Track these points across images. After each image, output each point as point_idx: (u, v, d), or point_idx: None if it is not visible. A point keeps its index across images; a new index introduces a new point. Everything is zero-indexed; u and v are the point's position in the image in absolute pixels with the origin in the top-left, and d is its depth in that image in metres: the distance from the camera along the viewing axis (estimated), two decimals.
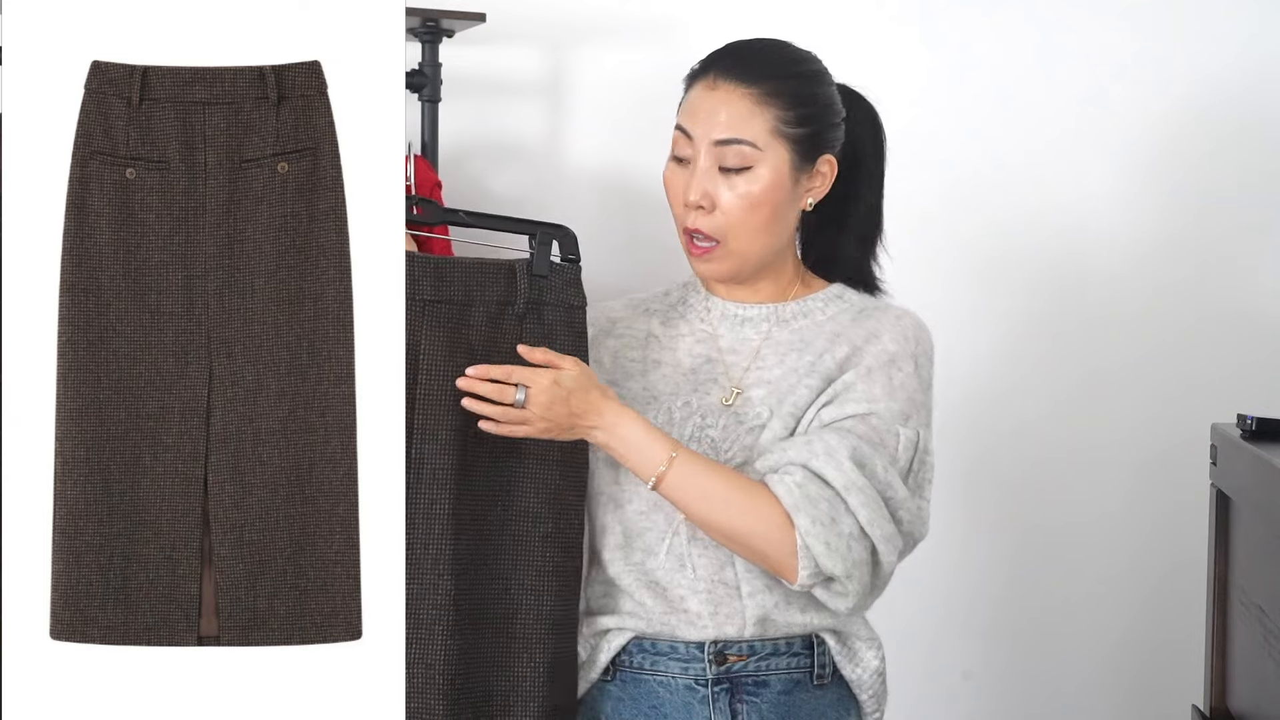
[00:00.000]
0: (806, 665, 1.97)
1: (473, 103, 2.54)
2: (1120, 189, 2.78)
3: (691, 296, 2.08)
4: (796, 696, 1.97)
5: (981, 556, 2.79)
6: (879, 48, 2.71)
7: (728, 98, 1.95)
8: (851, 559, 1.86)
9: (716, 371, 2.01)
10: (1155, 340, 2.80)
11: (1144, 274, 2.80)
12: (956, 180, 2.75)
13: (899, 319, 2.01)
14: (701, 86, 1.97)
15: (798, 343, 2.00)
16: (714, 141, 1.94)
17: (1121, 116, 2.78)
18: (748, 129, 1.95)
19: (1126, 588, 2.82)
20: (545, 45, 2.59)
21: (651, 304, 2.10)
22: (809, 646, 1.98)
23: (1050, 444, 2.80)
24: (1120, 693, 2.83)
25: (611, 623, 2.02)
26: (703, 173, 1.94)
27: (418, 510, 1.95)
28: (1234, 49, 2.77)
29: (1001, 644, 2.82)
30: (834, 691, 2.00)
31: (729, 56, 1.98)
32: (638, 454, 1.88)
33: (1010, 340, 2.79)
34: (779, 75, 1.98)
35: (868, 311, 2.02)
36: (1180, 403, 2.78)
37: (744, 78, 1.96)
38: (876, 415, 1.93)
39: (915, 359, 1.98)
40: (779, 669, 1.96)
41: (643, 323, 2.07)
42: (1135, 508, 2.82)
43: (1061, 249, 2.77)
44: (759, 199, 1.95)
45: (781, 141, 1.96)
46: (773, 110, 1.96)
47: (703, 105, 1.96)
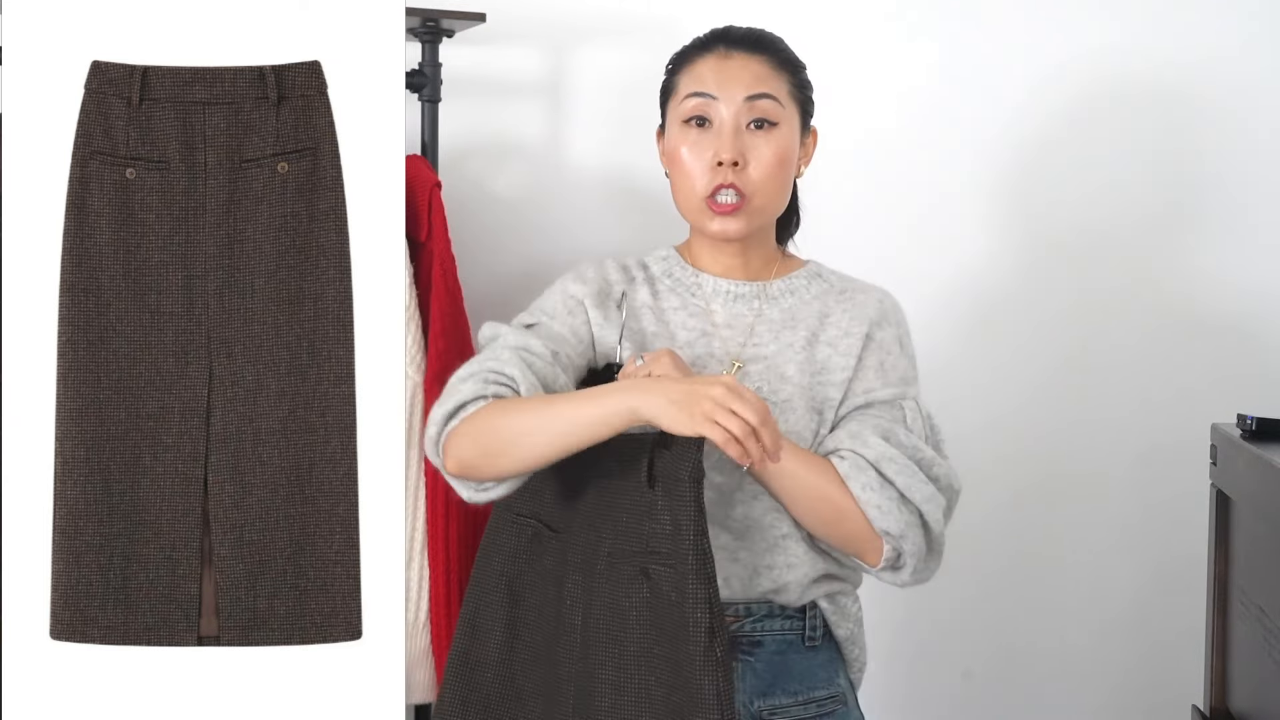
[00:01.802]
0: (799, 628, 2.02)
1: (473, 103, 2.54)
2: (1120, 187, 2.78)
3: (676, 270, 2.09)
4: (789, 657, 2.01)
5: (981, 556, 2.79)
6: (879, 46, 2.71)
7: (746, 62, 2.01)
8: (903, 520, 1.92)
9: (713, 346, 2.03)
10: (1155, 340, 2.80)
11: (1145, 273, 2.80)
12: (952, 176, 2.75)
13: (880, 300, 2.07)
14: (714, 57, 2.02)
15: (789, 320, 2.05)
16: (745, 98, 1.99)
17: (1120, 112, 2.78)
18: (772, 86, 2.01)
19: (1127, 588, 2.82)
20: (545, 45, 2.59)
21: (634, 271, 2.10)
22: (802, 611, 2.02)
23: (1050, 444, 2.80)
24: (1120, 693, 2.83)
25: None
26: (733, 131, 1.99)
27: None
28: (1234, 42, 2.78)
29: (1001, 644, 2.82)
30: (824, 653, 2.04)
31: (731, 35, 2.05)
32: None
33: (1010, 339, 2.79)
34: (781, 50, 2.05)
35: (849, 293, 2.08)
36: (1180, 403, 2.78)
37: (755, 50, 2.03)
38: (880, 395, 2.00)
39: (899, 338, 2.06)
40: (773, 630, 2.01)
41: (636, 292, 2.08)
42: (1135, 507, 2.82)
43: (1061, 247, 2.77)
44: (786, 156, 2.02)
45: (795, 104, 2.04)
46: (785, 75, 2.03)
47: (723, 69, 2.00)
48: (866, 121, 2.69)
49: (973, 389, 2.78)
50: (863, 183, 2.70)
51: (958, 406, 2.76)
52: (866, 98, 2.69)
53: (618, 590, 1.91)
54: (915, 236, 2.72)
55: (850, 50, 2.68)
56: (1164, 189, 2.80)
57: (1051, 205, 2.78)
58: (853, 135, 2.65)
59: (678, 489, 1.88)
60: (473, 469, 1.89)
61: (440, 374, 2.22)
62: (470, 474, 1.90)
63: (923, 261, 2.71)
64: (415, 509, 2.22)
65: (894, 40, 2.71)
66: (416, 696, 2.25)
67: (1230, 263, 2.82)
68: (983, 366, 2.79)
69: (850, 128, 2.65)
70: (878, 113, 2.71)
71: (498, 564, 2.01)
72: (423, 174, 2.28)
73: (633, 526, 1.91)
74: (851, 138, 2.64)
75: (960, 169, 2.74)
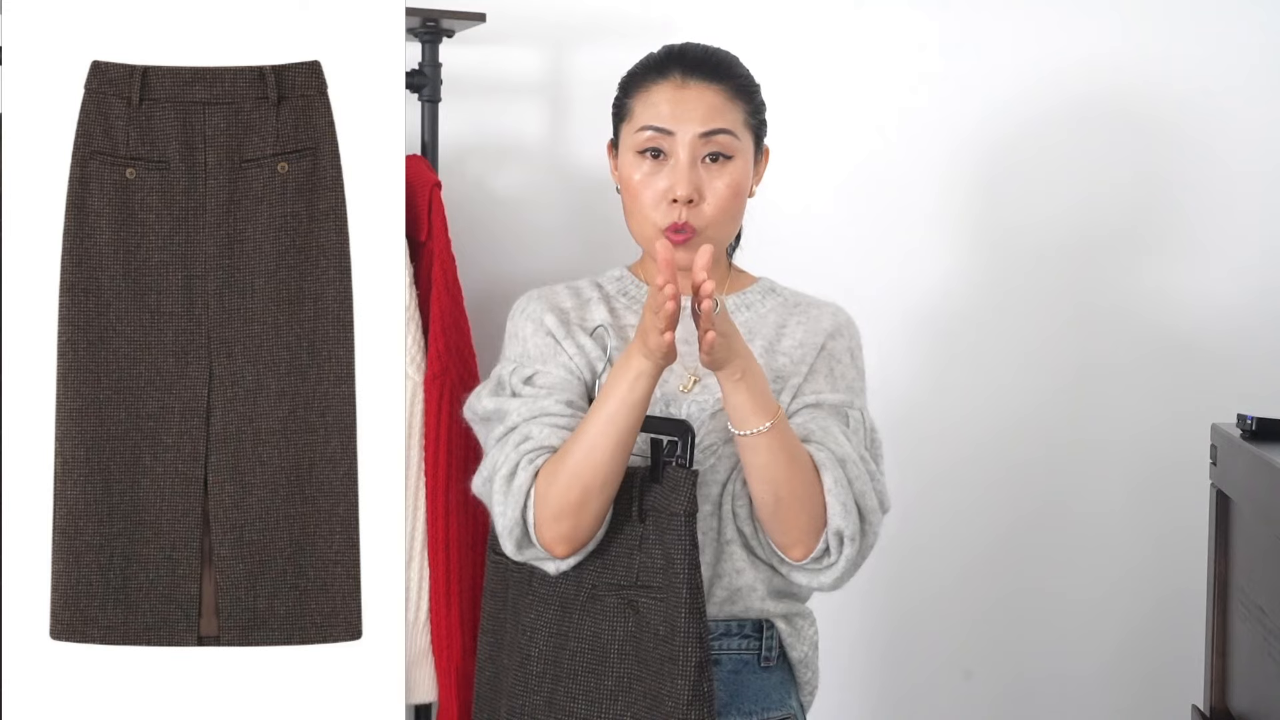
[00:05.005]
0: (755, 648, 2.03)
1: (473, 103, 2.54)
2: (1120, 184, 2.78)
3: (631, 289, 2.09)
4: (744, 677, 2.02)
5: (982, 556, 2.79)
6: (877, 44, 2.71)
7: (701, 94, 2.00)
8: (854, 524, 1.92)
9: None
10: (1156, 340, 2.80)
11: (1145, 271, 2.80)
12: (957, 177, 2.75)
13: (835, 315, 2.09)
14: (669, 86, 2.01)
15: (746, 333, 2.06)
16: (699, 134, 1.98)
17: (1120, 112, 2.78)
18: (727, 119, 2.00)
19: (1127, 587, 2.82)
20: (545, 45, 2.59)
21: (586, 291, 2.10)
22: (759, 630, 2.02)
23: (1050, 445, 2.80)
24: (1120, 693, 2.83)
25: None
26: (688, 167, 1.98)
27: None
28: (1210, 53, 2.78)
29: (1001, 644, 2.82)
30: (778, 674, 2.05)
31: (687, 59, 2.03)
32: (763, 398, 1.90)
33: (1010, 339, 2.79)
34: (737, 74, 2.04)
35: (803, 307, 2.10)
36: (1180, 403, 2.78)
37: (710, 77, 2.01)
38: (828, 399, 2.01)
39: (851, 350, 2.06)
40: (729, 649, 2.01)
41: (591, 312, 2.08)
42: (1135, 507, 2.82)
43: (1061, 246, 2.77)
44: (740, 188, 2.02)
45: (749, 132, 2.04)
46: (740, 104, 2.02)
47: (678, 101, 1.99)
48: (837, 140, 2.71)
49: (973, 384, 2.78)
50: (832, 204, 2.72)
51: (957, 400, 2.78)
52: (838, 114, 2.71)
53: (599, 623, 1.92)
54: (884, 256, 2.74)
55: (822, 66, 2.69)
56: (1164, 186, 2.81)
57: (1046, 218, 2.79)
58: (824, 154, 2.68)
59: (672, 523, 1.89)
60: (577, 531, 1.89)
61: (440, 374, 2.23)
62: (579, 539, 1.90)
63: (894, 281, 2.73)
64: (415, 509, 2.22)
65: (865, 56, 2.72)
66: (416, 696, 2.25)
67: (1232, 261, 2.82)
68: (984, 366, 2.79)
69: (821, 146, 2.67)
70: (849, 130, 2.72)
71: (488, 606, 2.05)
72: (423, 174, 2.28)
73: (621, 559, 1.92)
74: (822, 157, 2.67)
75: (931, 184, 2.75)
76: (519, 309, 2.06)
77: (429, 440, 2.22)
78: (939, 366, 2.77)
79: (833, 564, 1.93)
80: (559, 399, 1.96)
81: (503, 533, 1.91)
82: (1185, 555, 2.66)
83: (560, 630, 1.94)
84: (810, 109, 2.66)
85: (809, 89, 2.66)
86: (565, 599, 1.94)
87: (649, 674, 1.89)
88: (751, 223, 2.13)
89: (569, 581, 1.94)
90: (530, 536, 1.90)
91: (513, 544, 1.91)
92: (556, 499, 1.87)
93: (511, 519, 1.89)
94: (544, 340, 2.02)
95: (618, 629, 1.91)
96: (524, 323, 2.04)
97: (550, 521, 1.88)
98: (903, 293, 2.73)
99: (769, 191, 2.12)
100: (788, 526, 1.91)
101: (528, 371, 2.00)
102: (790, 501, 1.90)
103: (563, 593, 1.94)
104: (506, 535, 1.90)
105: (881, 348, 2.23)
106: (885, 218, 2.74)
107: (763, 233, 2.21)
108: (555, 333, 2.02)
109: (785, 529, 1.92)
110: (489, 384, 2.02)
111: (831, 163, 2.70)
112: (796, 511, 1.90)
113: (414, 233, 2.23)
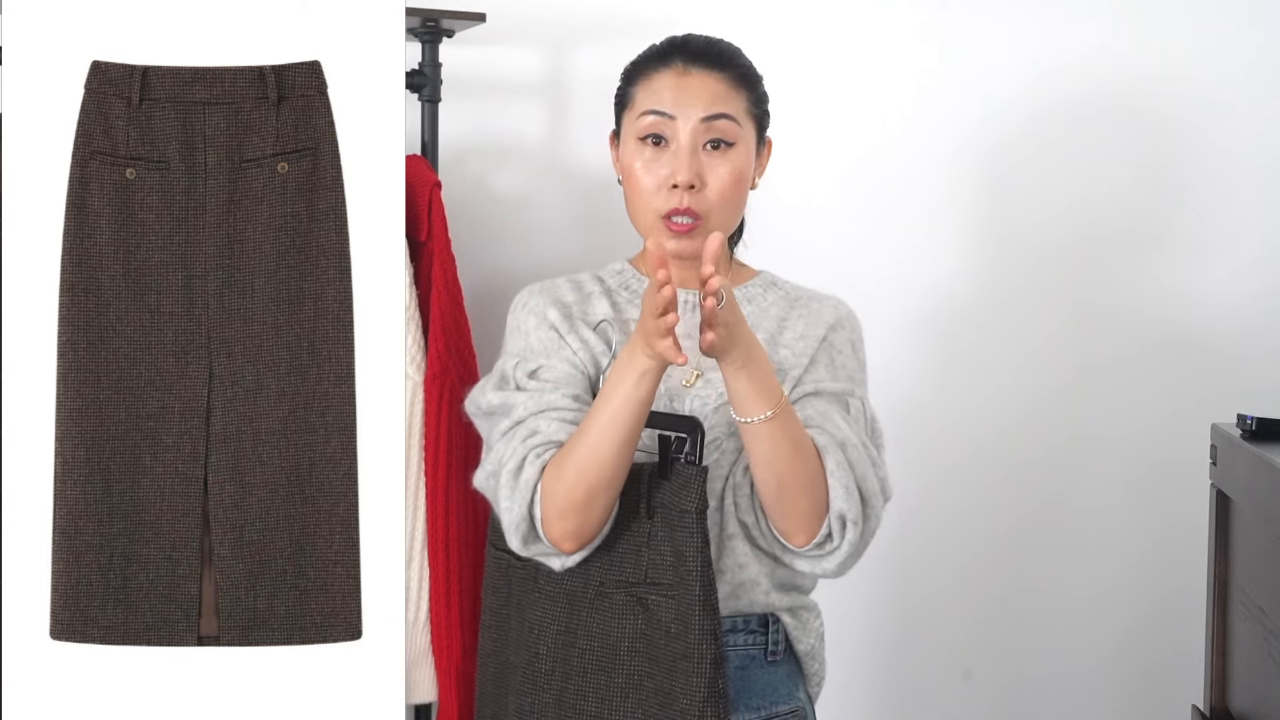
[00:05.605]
0: (761, 643, 2.02)
1: (473, 103, 2.54)
2: (1121, 182, 2.78)
3: (633, 282, 2.09)
4: (751, 672, 2.01)
5: (982, 556, 2.79)
6: (877, 42, 2.71)
7: (704, 80, 2.01)
8: (856, 508, 1.92)
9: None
10: (1156, 339, 2.80)
11: (1145, 270, 2.80)
12: (958, 173, 2.75)
13: (836, 307, 2.09)
14: (671, 74, 2.01)
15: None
16: (701, 119, 1.99)
17: (1121, 110, 2.78)
18: (730, 105, 2.01)
19: (1127, 587, 2.82)
20: (545, 45, 2.59)
21: (587, 285, 2.10)
22: (764, 625, 2.02)
23: (1050, 444, 2.80)
24: (1120, 693, 2.83)
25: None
26: (689, 152, 1.98)
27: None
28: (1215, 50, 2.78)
29: (1001, 644, 2.82)
30: (785, 667, 2.04)
31: (690, 48, 2.04)
32: (766, 385, 1.90)
33: (1010, 337, 2.79)
34: (739, 64, 2.04)
35: (804, 300, 2.09)
36: (1180, 402, 2.78)
37: (713, 66, 2.02)
38: (829, 387, 2.00)
39: (852, 341, 2.07)
40: (736, 645, 2.00)
41: (594, 306, 2.08)
42: (1136, 507, 2.82)
43: (1061, 245, 2.77)
44: (742, 175, 2.02)
45: (751, 121, 2.04)
46: (743, 92, 2.03)
47: (681, 88, 1.99)
48: (839, 135, 2.71)
49: (975, 379, 2.79)
50: (834, 198, 2.72)
51: (958, 400, 2.78)
52: (842, 110, 2.71)
53: (608, 621, 1.92)
54: (885, 252, 2.74)
55: (825, 64, 2.70)
56: (1164, 185, 2.81)
57: (1048, 216, 2.79)
58: (825, 150, 2.68)
59: (682, 520, 1.88)
60: (584, 527, 1.89)
61: (440, 374, 2.23)
62: (586, 535, 1.89)
63: (894, 279, 2.73)
64: (415, 509, 2.22)
65: (867, 51, 2.72)
66: (416, 696, 2.25)
67: (1232, 260, 2.82)
68: (984, 365, 2.80)
69: (823, 141, 2.67)
70: (850, 125, 2.72)
71: (490, 601, 2.04)
72: (423, 174, 2.28)
73: (629, 556, 1.92)
74: (824, 152, 2.67)
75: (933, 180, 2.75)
76: (520, 303, 2.06)
77: (429, 440, 2.22)
78: (939, 365, 2.78)
79: (835, 549, 1.92)
80: (565, 393, 1.95)
81: (509, 528, 1.90)
82: (1185, 555, 2.66)
83: (568, 628, 1.93)
84: (812, 105, 2.66)
85: (810, 85, 2.66)
86: (573, 596, 1.93)
87: (660, 671, 1.88)
88: (753, 216, 2.13)
89: (576, 579, 1.93)
90: (537, 532, 1.89)
91: (519, 540, 1.90)
92: (562, 496, 1.87)
93: (518, 514, 1.89)
94: (547, 334, 2.02)
95: (627, 626, 1.91)
96: (526, 316, 2.04)
97: (556, 518, 1.88)
98: (903, 291, 2.73)
99: (771, 185, 2.11)
100: (791, 513, 1.91)
101: (532, 365, 2.00)
102: (793, 488, 1.89)
103: (570, 590, 1.94)
104: (513, 531, 1.90)
105: (883, 347, 2.23)
106: (887, 214, 2.74)
107: (764, 226, 2.21)
108: (559, 327, 2.01)
109: (788, 515, 1.91)
110: (492, 378, 2.01)
111: (833, 158, 2.70)
112: (799, 497, 1.90)
113: (414, 233, 2.23)
